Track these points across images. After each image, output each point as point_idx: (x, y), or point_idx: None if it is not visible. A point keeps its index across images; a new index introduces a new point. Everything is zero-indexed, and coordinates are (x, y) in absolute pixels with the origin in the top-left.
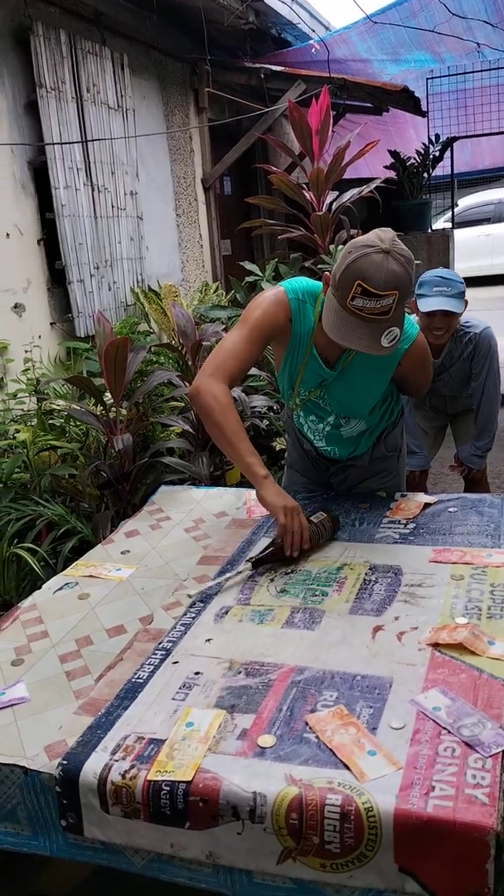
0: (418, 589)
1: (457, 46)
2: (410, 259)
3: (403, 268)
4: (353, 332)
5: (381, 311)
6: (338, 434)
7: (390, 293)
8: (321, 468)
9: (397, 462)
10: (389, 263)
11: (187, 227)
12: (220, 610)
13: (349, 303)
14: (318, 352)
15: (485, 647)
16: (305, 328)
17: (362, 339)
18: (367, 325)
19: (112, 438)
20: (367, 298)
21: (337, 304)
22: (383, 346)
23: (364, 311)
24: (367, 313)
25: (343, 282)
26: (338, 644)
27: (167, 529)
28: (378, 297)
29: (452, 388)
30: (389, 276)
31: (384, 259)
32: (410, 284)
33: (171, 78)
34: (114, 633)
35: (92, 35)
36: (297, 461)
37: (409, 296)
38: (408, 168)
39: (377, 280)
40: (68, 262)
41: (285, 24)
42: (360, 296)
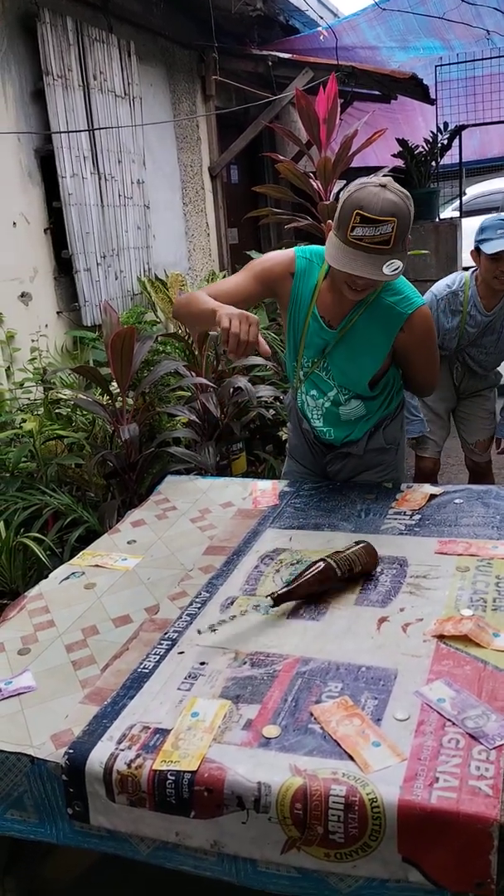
0: (424, 580)
1: (466, 33)
2: (408, 195)
3: (401, 199)
4: (354, 261)
5: (381, 239)
6: (336, 413)
7: (388, 219)
8: (318, 454)
9: (395, 455)
10: (386, 194)
11: (194, 216)
12: (226, 600)
13: (349, 234)
14: (321, 313)
15: (490, 639)
16: (308, 286)
17: (364, 266)
18: (368, 255)
19: (118, 428)
20: (366, 226)
21: (338, 241)
22: (385, 274)
23: (364, 240)
24: (368, 242)
25: (342, 215)
26: (343, 635)
27: (173, 519)
28: (377, 222)
29: (492, 354)
30: (387, 204)
31: (381, 190)
32: (409, 219)
33: (179, 65)
34: (120, 623)
35: (99, 22)
36: (296, 447)
37: (408, 231)
38: (416, 156)
39: (374, 206)
40: (75, 251)
41: (293, 10)
42: (359, 224)
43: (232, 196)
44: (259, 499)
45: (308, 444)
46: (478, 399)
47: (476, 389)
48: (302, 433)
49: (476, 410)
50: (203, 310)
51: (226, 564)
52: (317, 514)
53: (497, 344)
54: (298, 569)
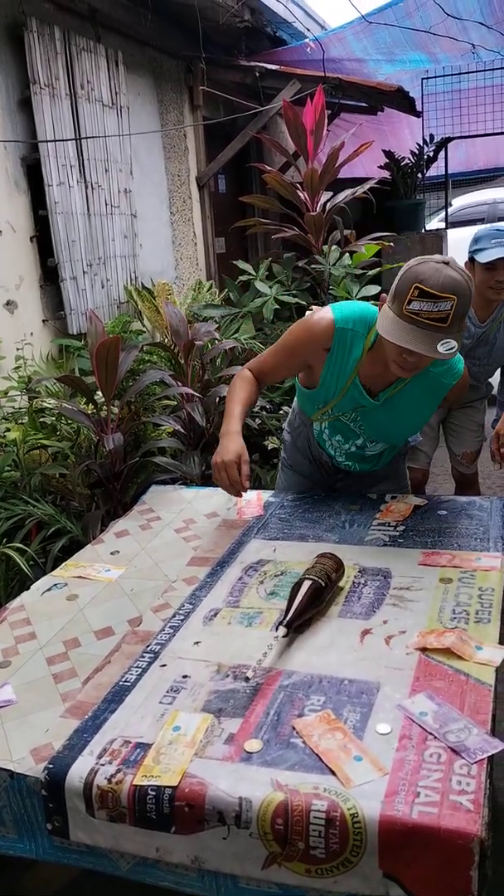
0: (407, 592)
1: (452, 47)
2: (470, 277)
3: (463, 279)
4: (409, 336)
5: (439, 316)
6: (361, 454)
7: (448, 296)
8: (328, 473)
9: (403, 464)
10: (448, 270)
11: (181, 225)
12: (210, 612)
13: (406, 308)
14: (362, 382)
15: (472, 651)
16: (350, 356)
17: (418, 342)
18: (424, 331)
19: (103, 437)
20: (424, 300)
21: (394, 315)
22: (439, 352)
23: (421, 316)
24: (425, 318)
25: (400, 288)
26: (326, 648)
27: (157, 530)
28: (436, 298)
29: (485, 366)
30: (448, 281)
31: (443, 266)
32: (468, 299)
33: (166, 75)
34: (102, 635)
35: (86, 32)
36: (300, 464)
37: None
38: (402, 168)
39: (435, 281)
40: (61, 260)
41: (281, 22)
42: (416, 298)
43: (219, 205)
44: (244, 509)
45: (318, 466)
46: (468, 410)
47: (467, 401)
48: (312, 457)
49: (465, 422)
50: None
51: (210, 576)
52: (301, 525)
53: (490, 355)
54: (283, 580)
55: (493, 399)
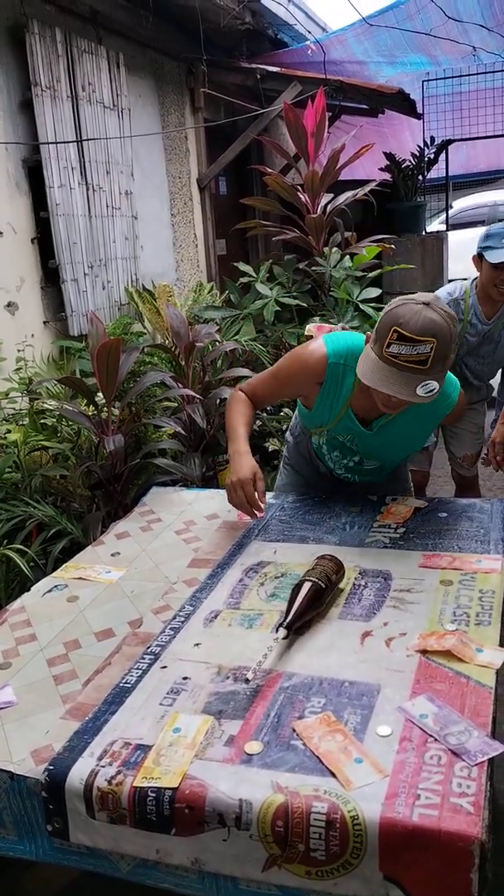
0: (407, 594)
1: (453, 49)
2: (453, 317)
3: (444, 320)
4: (387, 379)
5: (418, 359)
6: (360, 468)
7: (427, 339)
8: (329, 482)
9: (405, 467)
10: (428, 312)
11: (182, 227)
12: (210, 614)
13: (385, 350)
14: (355, 412)
15: (472, 654)
16: (342, 390)
17: (396, 385)
18: (402, 373)
19: (104, 439)
20: (402, 344)
21: (374, 356)
22: (418, 395)
23: (400, 359)
24: (404, 360)
25: (380, 330)
26: (326, 650)
27: (158, 531)
28: (414, 342)
29: (489, 364)
30: (427, 323)
31: (423, 308)
32: (451, 341)
33: (167, 77)
34: (102, 637)
35: (88, 33)
36: (302, 467)
37: (449, 353)
38: (403, 170)
39: (413, 325)
40: (62, 261)
41: (282, 24)
42: (395, 342)
43: (220, 207)
44: None
45: (319, 474)
46: (468, 413)
47: (468, 402)
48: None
49: (465, 424)
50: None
51: (210, 577)
52: (302, 527)
53: (495, 353)
54: (283, 582)
55: (493, 401)
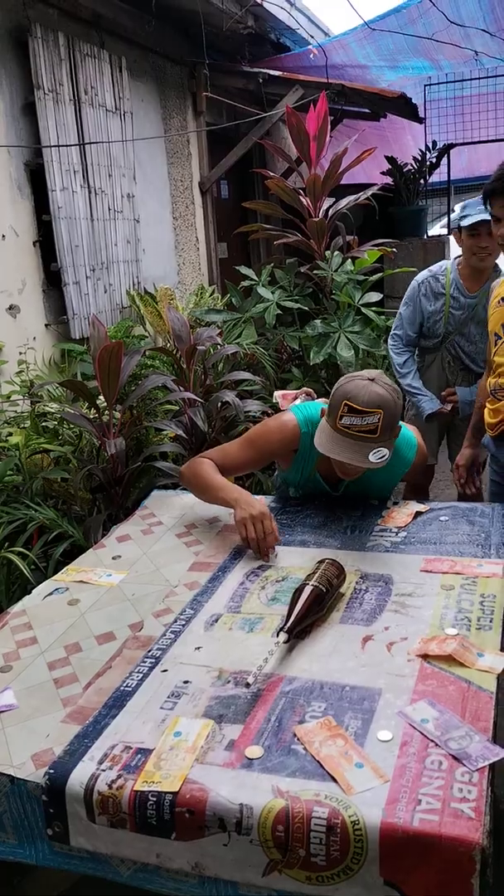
0: (409, 598)
1: (455, 54)
2: (397, 390)
3: (389, 393)
4: (342, 448)
5: (368, 429)
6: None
7: (375, 411)
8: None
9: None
10: (374, 387)
11: (184, 230)
12: (211, 618)
13: (338, 423)
14: (322, 476)
15: (474, 658)
16: (311, 456)
17: (349, 453)
18: (355, 442)
19: (105, 442)
20: (353, 416)
21: (329, 428)
22: (370, 461)
23: (352, 430)
24: (356, 431)
25: (332, 405)
26: (328, 654)
27: (159, 534)
28: (363, 413)
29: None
30: (373, 396)
31: (369, 383)
32: (397, 412)
33: (170, 81)
34: (103, 640)
35: (90, 38)
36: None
37: (396, 421)
38: (404, 174)
39: (362, 398)
40: (64, 265)
41: (284, 29)
42: (347, 414)
43: (222, 211)
44: None
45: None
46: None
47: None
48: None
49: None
50: (211, 488)
51: (211, 581)
52: (303, 531)
53: (483, 333)
54: (284, 586)
55: None
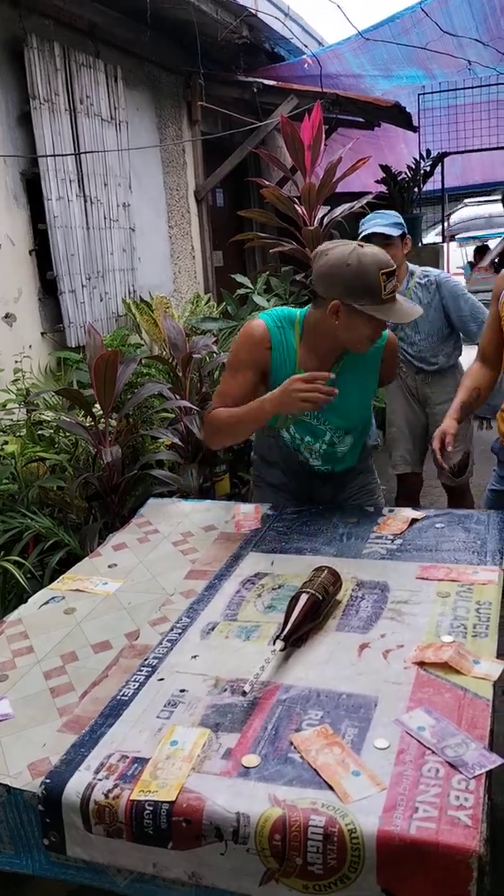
0: (404, 606)
1: (448, 63)
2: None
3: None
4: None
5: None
6: (333, 451)
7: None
8: (302, 484)
9: (369, 478)
10: (373, 248)
11: (179, 239)
12: (207, 626)
13: (384, 293)
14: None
15: (470, 666)
16: (289, 353)
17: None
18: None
19: (101, 450)
20: (389, 278)
21: (374, 306)
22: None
23: (394, 291)
24: (395, 291)
25: (367, 283)
26: (324, 662)
27: (155, 542)
28: (393, 271)
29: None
30: (383, 255)
31: (369, 247)
32: None
33: (165, 90)
34: (99, 649)
35: (86, 47)
36: (274, 477)
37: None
38: (399, 183)
39: (384, 261)
40: (60, 273)
41: (278, 38)
42: (387, 281)
43: (217, 219)
44: (241, 522)
45: (293, 475)
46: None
47: (440, 400)
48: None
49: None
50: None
51: (207, 589)
52: (299, 539)
53: (417, 327)
54: (280, 594)
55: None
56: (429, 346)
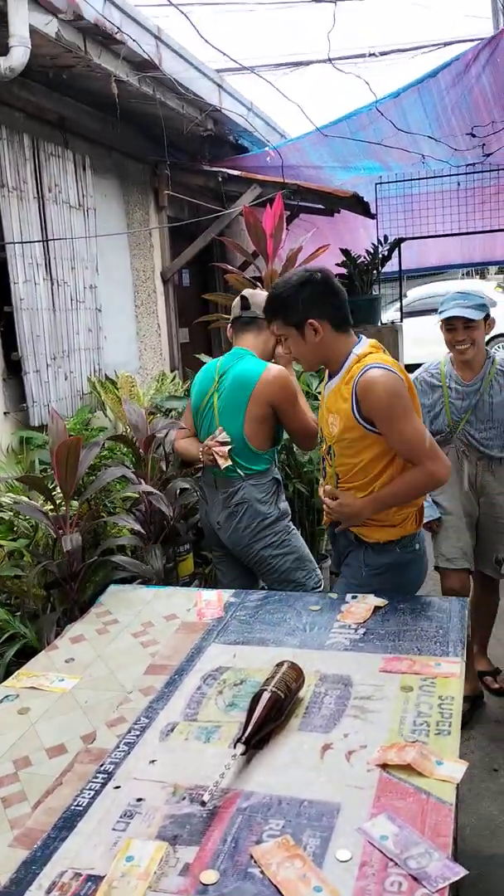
0: (368, 702)
1: (403, 157)
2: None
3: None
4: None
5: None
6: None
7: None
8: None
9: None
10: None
11: (146, 317)
12: (166, 726)
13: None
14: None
15: (433, 767)
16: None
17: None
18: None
19: (61, 537)
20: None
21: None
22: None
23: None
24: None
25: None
26: (286, 765)
27: (114, 634)
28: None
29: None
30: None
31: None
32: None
33: (133, 178)
34: (54, 753)
35: (55, 138)
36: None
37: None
38: (358, 266)
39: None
40: (25, 354)
41: (242, 131)
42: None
43: (183, 298)
44: (204, 610)
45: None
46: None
47: (500, 490)
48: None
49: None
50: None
51: (167, 685)
52: (262, 628)
53: (492, 415)
54: (242, 690)
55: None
56: (497, 437)
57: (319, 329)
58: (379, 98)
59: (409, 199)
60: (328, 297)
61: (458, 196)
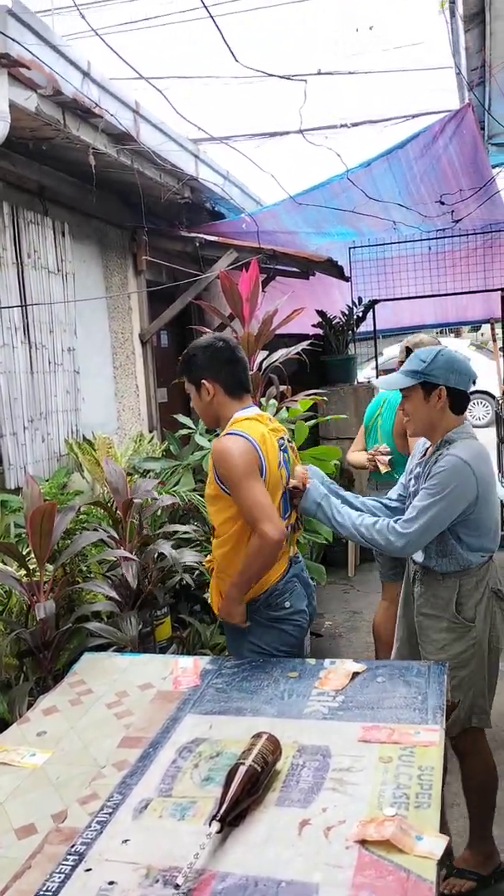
0: (347, 774)
1: (375, 223)
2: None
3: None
4: None
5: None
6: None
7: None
8: None
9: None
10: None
11: (124, 379)
12: (140, 803)
13: None
14: None
15: (412, 843)
16: None
17: None
18: None
19: (35, 605)
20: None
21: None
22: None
23: None
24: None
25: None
26: (262, 843)
27: (88, 705)
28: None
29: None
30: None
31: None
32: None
33: (111, 243)
34: (23, 834)
35: (35, 206)
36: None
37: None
38: (334, 326)
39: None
40: (2, 417)
41: (218, 198)
42: None
43: (162, 358)
44: (180, 678)
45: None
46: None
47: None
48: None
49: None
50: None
51: (141, 759)
52: (239, 697)
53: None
54: (219, 762)
55: None
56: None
57: (211, 390)
58: (350, 168)
59: (382, 263)
60: (224, 363)
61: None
